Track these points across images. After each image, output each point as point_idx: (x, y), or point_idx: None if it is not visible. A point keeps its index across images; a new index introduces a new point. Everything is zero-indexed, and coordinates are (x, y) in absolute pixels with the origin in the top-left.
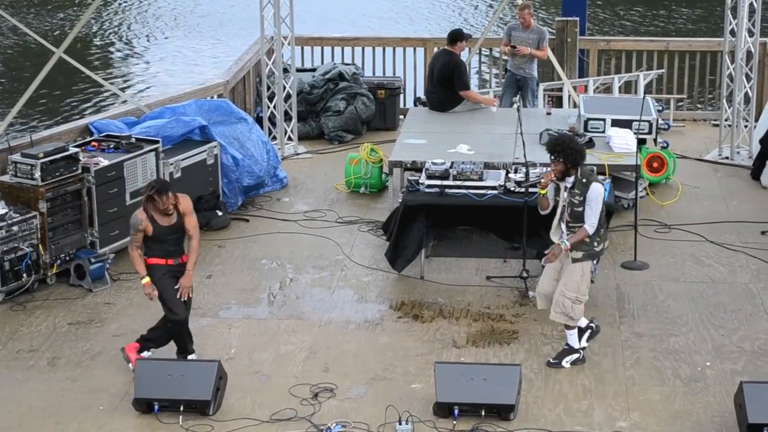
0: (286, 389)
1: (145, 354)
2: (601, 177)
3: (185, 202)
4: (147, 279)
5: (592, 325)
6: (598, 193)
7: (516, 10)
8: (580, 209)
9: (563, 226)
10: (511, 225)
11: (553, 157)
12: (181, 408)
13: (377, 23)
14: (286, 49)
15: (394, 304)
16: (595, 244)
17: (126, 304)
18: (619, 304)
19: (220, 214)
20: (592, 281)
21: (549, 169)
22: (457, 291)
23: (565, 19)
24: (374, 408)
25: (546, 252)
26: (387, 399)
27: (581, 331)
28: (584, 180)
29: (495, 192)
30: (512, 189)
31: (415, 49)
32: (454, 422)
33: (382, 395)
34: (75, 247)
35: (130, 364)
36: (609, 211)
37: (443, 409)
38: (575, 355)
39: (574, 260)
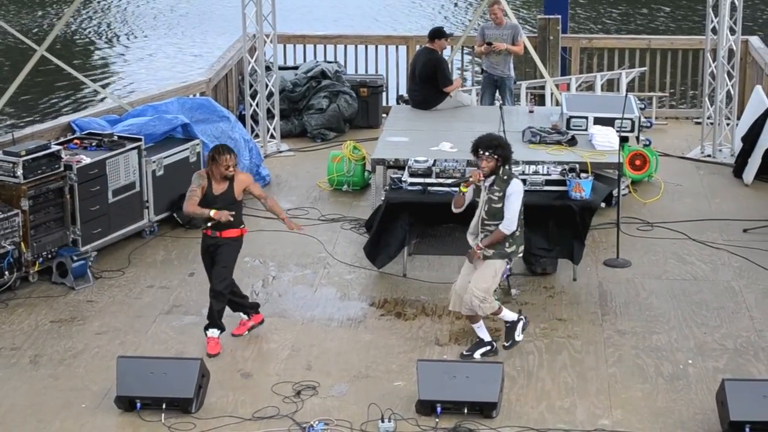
0: (269, 387)
1: (243, 316)
2: (583, 174)
3: (245, 176)
4: (213, 211)
5: (522, 317)
6: (517, 189)
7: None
8: (499, 206)
9: (479, 225)
10: None
11: (487, 153)
12: (164, 406)
13: (359, 21)
14: (268, 47)
15: (376, 302)
16: (507, 245)
17: (108, 302)
18: (601, 302)
19: None
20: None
21: (475, 169)
22: (439, 289)
23: (547, 17)
24: (357, 406)
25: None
26: (369, 397)
27: (513, 325)
28: (505, 177)
29: None
30: None
31: (397, 47)
32: (437, 420)
33: (365, 393)
34: (57, 245)
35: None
36: (591, 209)
37: (426, 407)
38: (486, 348)
39: (485, 257)
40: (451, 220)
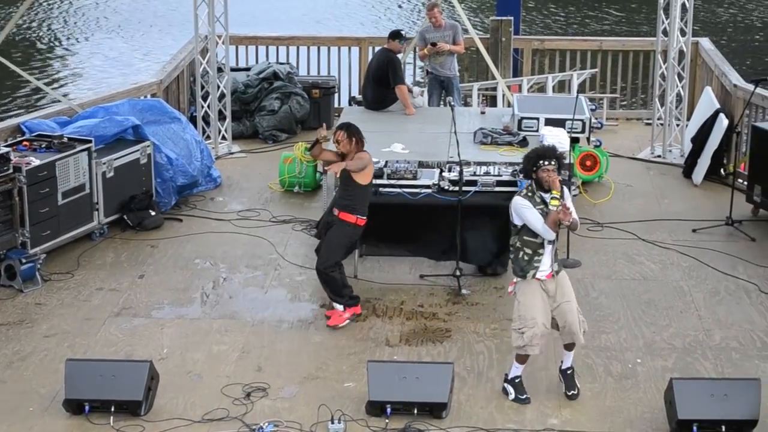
0: (219, 389)
1: (339, 307)
2: None
3: (361, 153)
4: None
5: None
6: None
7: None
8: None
9: (551, 246)
10: (445, 224)
11: (552, 163)
12: (112, 409)
13: (311, 24)
14: (220, 48)
15: (327, 303)
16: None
17: (57, 305)
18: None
19: (153, 213)
20: None
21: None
22: (390, 290)
23: (499, 18)
24: (307, 407)
25: (565, 222)
26: (320, 398)
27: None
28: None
29: (429, 191)
30: (446, 188)
31: (350, 49)
32: (387, 421)
33: (315, 394)
34: (6, 248)
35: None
36: None
37: (376, 408)
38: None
39: (557, 272)
40: (402, 222)
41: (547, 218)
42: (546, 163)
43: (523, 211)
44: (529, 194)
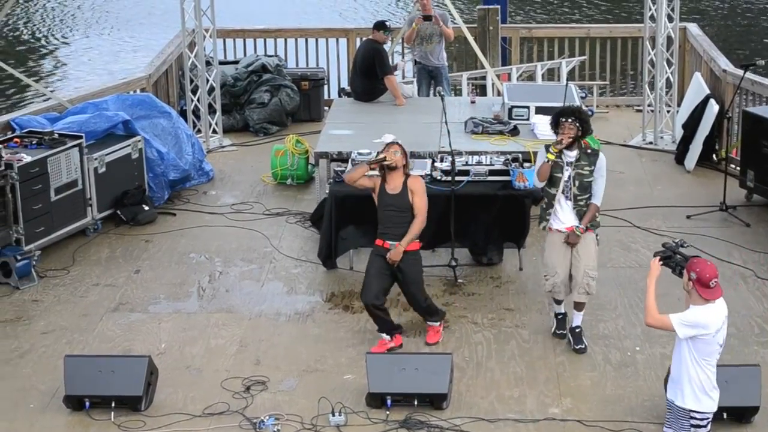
0: (218, 383)
1: (386, 337)
2: (527, 164)
3: (417, 182)
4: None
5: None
6: (605, 163)
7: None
8: (590, 180)
9: (569, 203)
10: (439, 214)
11: (570, 120)
12: (113, 404)
13: (300, 15)
14: (208, 42)
15: (324, 296)
16: (597, 214)
17: (53, 301)
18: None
19: (146, 208)
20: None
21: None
22: None
23: (486, 7)
24: (307, 400)
25: (567, 240)
26: (319, 391)
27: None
28: (589, 151)
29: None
30: (438, 178)
31: (337, 40)
32: (387, 412)
33: (315, 387)
34: (0, 245)
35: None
36: (535, 198)
37: (376, 400)
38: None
39: (585, 232)
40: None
41: (540, 166)
42: (564, 119)
43: (537, 155)
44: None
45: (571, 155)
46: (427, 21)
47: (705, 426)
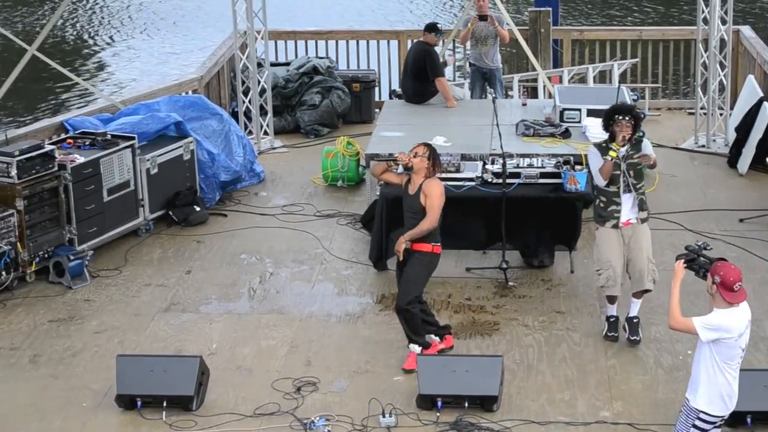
0: (269, 384)
1: (415, 349)
2: (578, 167)
3: (432, 185)
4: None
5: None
6: (648, 142)
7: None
8: (641, 166)
9: (631, 195)
10: (489, 216)
11: (626, 119)
12: (164, 404)
13: (350, 17)
14: (259, 44)
15: (374, 297)
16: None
17: (106, 301)
18: (599, 294)
19: (198, 209)
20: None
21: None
22: (437, 283)
23: (537, 9)
24: (357, 401)
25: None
26: (370, 392)
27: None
28: (633, 141)
29: (473, 183)
30: (490, 180)
31: (389, 42)
32: (438, 414)
33: (365, 388)
34: (53, 245)
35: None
36: (586, 200)
37: (426, 402)
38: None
39: (643, 221)
40: (446, 214)
41: (603, 165)
42: (620, 117)
43: (589, 156)
44: (603, 144)
45: (623, 150)
46: (483, 21)
47: (708, 431)
